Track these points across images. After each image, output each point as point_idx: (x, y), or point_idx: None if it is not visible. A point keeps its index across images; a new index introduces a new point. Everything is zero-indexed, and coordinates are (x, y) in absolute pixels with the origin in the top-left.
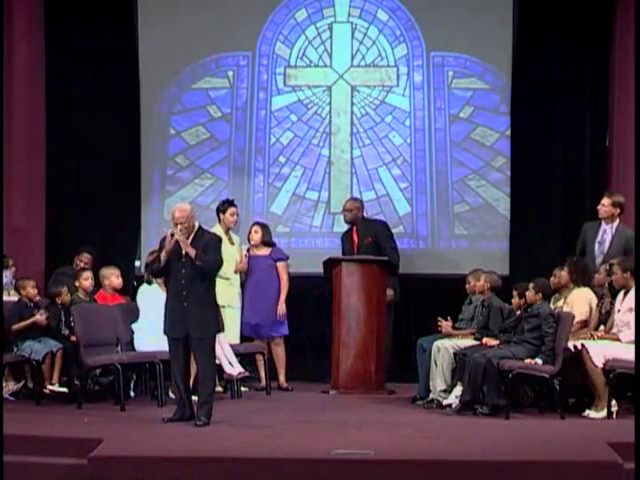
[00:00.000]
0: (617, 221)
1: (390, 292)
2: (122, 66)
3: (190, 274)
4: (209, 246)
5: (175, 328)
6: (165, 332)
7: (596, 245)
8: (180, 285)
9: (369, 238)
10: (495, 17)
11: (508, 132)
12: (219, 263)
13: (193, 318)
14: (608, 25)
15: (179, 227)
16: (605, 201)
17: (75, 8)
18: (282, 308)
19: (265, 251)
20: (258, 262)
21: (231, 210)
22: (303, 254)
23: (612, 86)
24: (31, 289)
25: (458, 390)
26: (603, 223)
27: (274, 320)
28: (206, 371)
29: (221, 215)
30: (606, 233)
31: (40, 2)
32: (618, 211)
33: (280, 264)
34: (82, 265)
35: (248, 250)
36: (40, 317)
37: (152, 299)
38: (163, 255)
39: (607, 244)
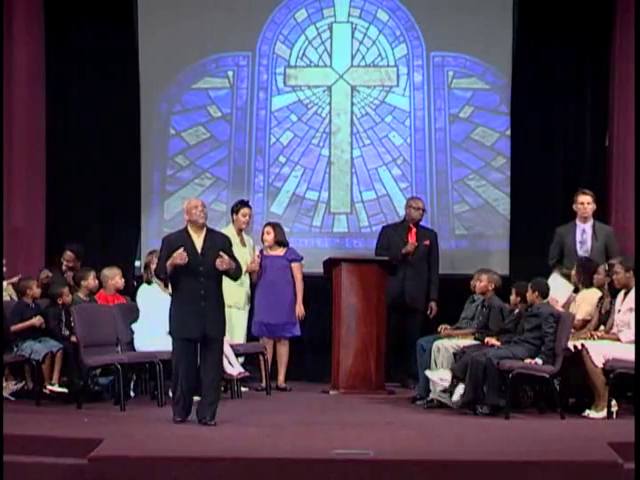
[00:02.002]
0: (591, 219)
1: (434, 305)
2: (122, 66)
3: (207, 273)
4: (227, 251)
5: (191, 328)
6: (175, 333)
7: (578, 245)
8: (198, 284)
9: (427, 241)
10: (495, 17)
11: (508, 132)
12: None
13: (212, 318)
14: (608, 25)
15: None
16: (587, 199)
17: (75, 8)
18: (300, 309)
19: (280, 251)
20: (272, 262)
21: (243, 211)
22: (303, 254)
23: (612, 86)
24: (36, 288)
25: (445, 373)
26: (579, 223)
27: (287, 320)
28: (219, 371)
29: (234, 215)
30: (585, 232)
31: (40, 2)
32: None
33: (295, 265)
34: (65, 264)
35: (261, 251)
36: (38, 320)
37: (152, 299)
38: (169, 267)
39: (589, 243)
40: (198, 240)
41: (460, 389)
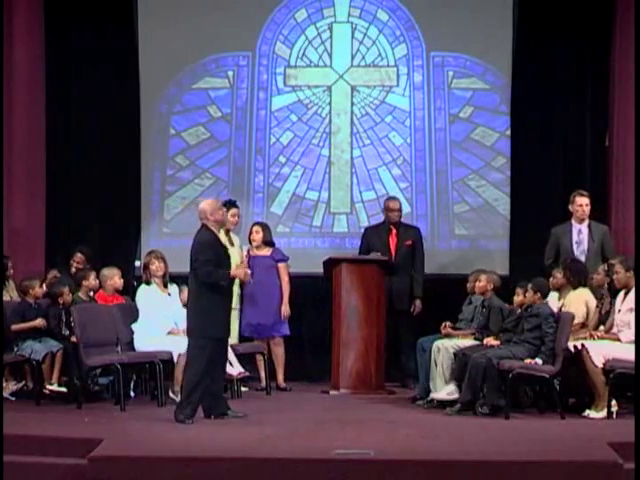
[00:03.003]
0: (587, 219)
1: (418, 303)
2: (122, 66)
3: None
4: None
5: (228, 327)
6: (216, 334)
7: (574, 246)
8: (229, 286)
9: (409, 241)
10: (495, 17)
11: (508, 132)
12: None
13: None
14: (608, 25)
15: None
16: (585, 201)
17: (75, 8)
18: (286, 309)
19: (266, 251)
20: (259, 262)
21: (232, 211)
22: (303, 254)
23: (612, 86)
24: (38, 288)
25: (450, 387)
26: (575, 223)
27: (275, 320)
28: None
29: None
30: (581, 232)
31: (40, 2)
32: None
33: (281, 265)
34: (75, 265)
35: (248, 251)
36: (40, 322)
37: (151, 299)
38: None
39: (585, 243)
40: (222, 241)
41: (448, 388)
